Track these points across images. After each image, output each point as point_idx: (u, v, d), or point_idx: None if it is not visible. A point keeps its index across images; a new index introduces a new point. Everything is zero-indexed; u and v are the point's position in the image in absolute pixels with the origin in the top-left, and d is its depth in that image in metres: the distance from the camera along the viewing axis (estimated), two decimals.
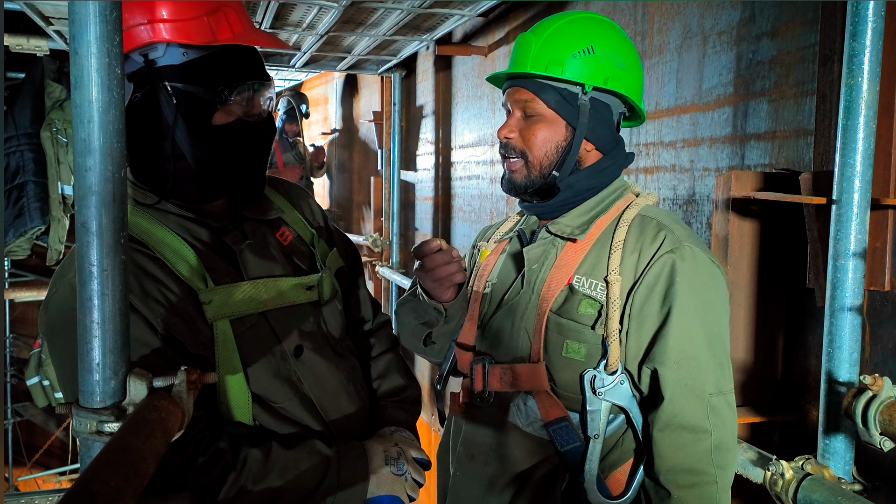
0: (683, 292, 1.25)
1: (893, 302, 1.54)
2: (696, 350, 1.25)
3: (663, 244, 1.28)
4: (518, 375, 1.34)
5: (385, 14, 3.26)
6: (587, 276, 1.31)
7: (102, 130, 0.83)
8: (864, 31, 1.32)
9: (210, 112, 1.20)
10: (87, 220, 0.85)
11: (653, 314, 1.27)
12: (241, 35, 1.23)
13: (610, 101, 1.36)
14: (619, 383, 1.28)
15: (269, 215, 1.34)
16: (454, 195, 4.15)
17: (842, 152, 1.36)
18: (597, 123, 1.34)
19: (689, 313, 1.25)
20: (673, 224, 1.32)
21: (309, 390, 1.28)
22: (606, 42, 1.34)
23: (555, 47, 1.33)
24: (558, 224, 1.36)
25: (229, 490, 1.14)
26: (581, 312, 1.29)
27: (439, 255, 1.36)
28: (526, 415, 1.35)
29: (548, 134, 1.34)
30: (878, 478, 1.46)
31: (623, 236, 1.31)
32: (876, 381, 1.21)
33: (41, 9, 3.18)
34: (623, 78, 1.34)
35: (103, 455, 0.74)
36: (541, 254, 1.37)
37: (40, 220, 4.50)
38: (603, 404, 1.29)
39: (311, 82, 6.58)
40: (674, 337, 1.24)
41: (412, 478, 1.29)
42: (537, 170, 1.35)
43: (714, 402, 1.25)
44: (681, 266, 1.26)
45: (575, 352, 1.30)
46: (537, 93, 1.33)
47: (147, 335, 1.14)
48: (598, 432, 1.29)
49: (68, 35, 0.84)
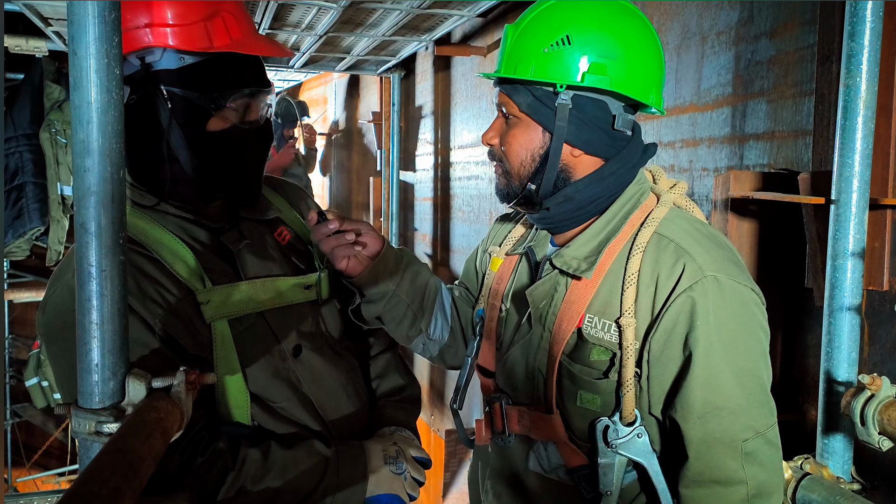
0: (705, 335, 1.10)
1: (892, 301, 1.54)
2: (725, 399, 1.11)
3: (682, 278, 1.12)
4: (535, 423, 1.24)
5: (384, 14, 3.26)
6: (599, 315, 1.16)
7: (101, 131, 0.83)
8: (863, 31, 1.32)
9: (205, 118, 1.20)
10: (85, 220, 0.85)
11: (673, 360, 1.13)
12: (239, 41, 1.21)
13: (601, 97, 1.17)
14: (637, 436, 1.15)
15: (266, 215, 1.34)
16: (453, 195, 4.15)
17: (840, 152, 1.36)
18: (581, 125, 1.17)
19: (714, 357, 1.11)
20: (694, 246, 1.14)
21: (308, 390, 1.27)
22: (588, 28, 1.14)
23: (527, 42, 1.16)
24: (563, 257, 1.21)
25: (228, 490, 1.14)
26: (593, 360, 1.17)
27: (316, 227, 1.27)
28: (548, 460, 1.25)
29: (523, 140, 1.19)
30: (877, 477, 1.46)
31: (637, 267, 1.14)
32: (874, 380, 1.21)
33: (40, 10, 3.17)
34: (610, 70, 1.13)
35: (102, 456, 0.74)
36: (548, 290, 1.23)
37: (39, 221, 4.50)
38: (617, 458, 1.16)
39: (310, 83, 6.57)
40: (696, 388, 1.11)
41: (412, 476, 1.29)
42: (516, 179, 1.21)
43: (750, 447, 1.11)
44: (702, 304, 1.10)
45: (590, 402, 1.18)
46: (510, 95, 1.19)
47: (145, 336, 1.14)
48: (611, 489, 1.16)
49: (67, 36, 0.84)
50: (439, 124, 4.31)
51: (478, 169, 3.81)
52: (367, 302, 1.32)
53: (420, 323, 1.37)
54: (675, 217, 1.20)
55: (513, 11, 3.36)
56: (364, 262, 1.29)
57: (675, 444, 1.16)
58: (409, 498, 1.27)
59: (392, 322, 1.36)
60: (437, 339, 1.41)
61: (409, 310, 1.34)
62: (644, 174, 1.27)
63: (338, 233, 1.27)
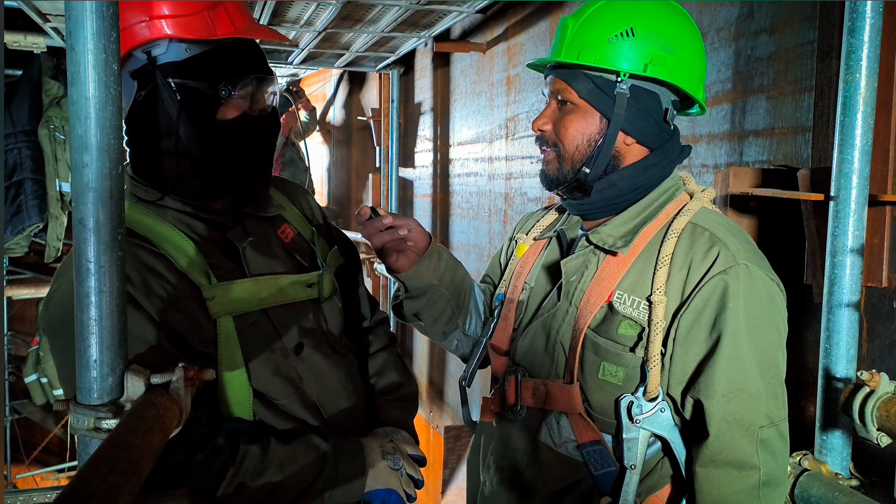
0: (735, 318, 1.14)
1: (891, 298, 1.54)
2: (747, 382, 1.15)
3: (716, 262, 1.16)
4: (551, 394, 1.26)
5: (383, 11, 3.25)
6: (629, 292, 1.20)
7: (99, 127, 0.83)
8: (863, 27, 1.32)
9: (214, 107, 1.21)
10: (84, 216, 0.84)
11: (700, 340, 1.16)
12: (242, 29, 1.23)
13: (656, 89, 1.23)
14: (660, 411, 1.19)
15: (270, 212, 1.34)
16: (452, 192, 4.15)
17: (840, 149, 1.36)
18: (637, 114, 1.22)
19: (741, 341, 1.14)
20: (728, 236, 1.20)
21: (309, 387, 1.28)
22: (651, 22, 1.20)
23: (590, 31, 1.22)
24: (599, 234, 1.25)
25: (228, 486, 1.14)
26: (620, 334, 1.20)
27: (369, 223, 1.29)
28: (559, 434, 1.27)
29: (580, 125, 1.23)
30: (876, 473, 1.46)
31: (671, 250, 1.19)
32: (873, 376, 1.21)
33: (38, 6, 3.17)
34: (669, 63, 1.20)
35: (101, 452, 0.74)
36: (580, 265, 1.27)
37: (38, 218, 4.49)
38: (641, 432, 1.19)
39: (308, 79, 6.56)
40: (722, 368, 1.14)
41: (407, 473, 1.29)
42: (569, 164, 1.25)
43: (765, 434, 1.15)
44: (734, 288, 1.14)
45: (612, 375, 1.20)
46: (570, 81, 1.23)
47: (149, 331, 1.14)
48: (635, 462, 1.19)
49: (65, 32, 0.83)
50: (438, 121, 4.31)
51: (477, 166, 3.80)
52: (410, 297, 1.36)
53: (458, 318, 1.41)
54: (708, 212, 1.26)
55: (511, 8, 3.36)
56: (411, 258, 1.32)
57: (691, 426, 1.20)
58: (405, 495, 1.28)
59: (431, 318, 1.39)
60: (471, 336, 1.45)
61: (448, 305, 1.38)
62: (677, 174, 1.32)
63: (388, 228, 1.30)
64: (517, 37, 3.33)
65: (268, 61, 1.30)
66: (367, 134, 5.39)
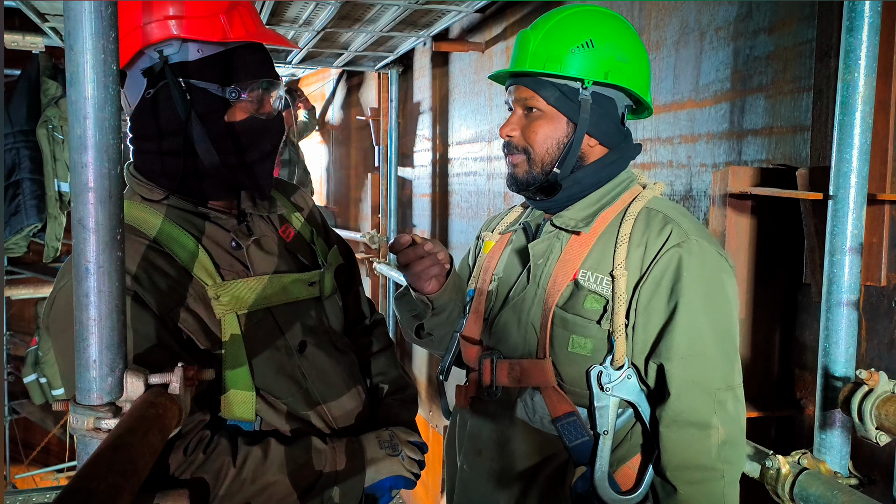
0: (690, 287, 1.24)
1: (889, 297, 1.54)
2: (704, 345, 1.24)
3: (670, 237, 1.27)
4: (525, 371, 1.33)
5: (382, 10, 3.25)
6: (593, 270, 1.30)
7: (98, 127, 0.83)
8: (861, 26, 1.32)
9: (223, 109, 1.22)
10: (83, 216, 0.84)
11: (659, 309, 1.26)
12: (254, 34, 1.24)
13: (613, 95, 1.34)
14: (627, 378, 1.28)
15: (272, 211, 1.35)
16: (451, 192, 4.15)
17: (838, 148, 1.36)
18: (599, 118, 1.33)
19: (696, 308, 1.24)
20: (680, 217, 1.31)
21: (312, 386, 1.29)
22: (607, 34, 1.32)
23: (554, 43, 1.32)
24: (562, 217, 1.36)
25: (229, 486, 1.14)
26: (587, 308, 1.29)
27: (411, 250, 1.34)
28: (533, 410, 1.34)
29: (548, 130, 1.33)
30: (875, 472, 1.46)
31: (629, 230, 1.30)
32: (872, 375, 1.21)
33: (37, 5, 3.17)
34: (625, 71, 1.32)
35: (100, 452, 0.74)
36: (546, 248, 1.36)
37: (37, 218, 4.49)
38: (611, 399, 1.28)
39: (307, 79, 6.56)
40: (680, 332, 1.24)
41: (408, 455, 1.30)
42: (539, 166, 1.34)
43: (722, 396, 1.24)
44: (688, 260, 1.25)
45: (581, 347, 1.29)
46: (537, 90, 1.32)
47: (155, 331, 1.14)
48: (608, 428, 1.28)
49: (64, 31, 0.83)
50: (437, 120, 4.31)
51: (475, 165, 3.80)
52: (436, 314, 1.41)
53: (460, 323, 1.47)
54: (659, 200, 1.38)
55: (510, 8, 3.36)
56: (441, 280, 1.38)
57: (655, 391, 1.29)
58: (412, 475, 1.30)
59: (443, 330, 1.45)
60: None
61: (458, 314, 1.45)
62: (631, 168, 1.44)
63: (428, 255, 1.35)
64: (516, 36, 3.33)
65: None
66: (366, 133, 5.39)
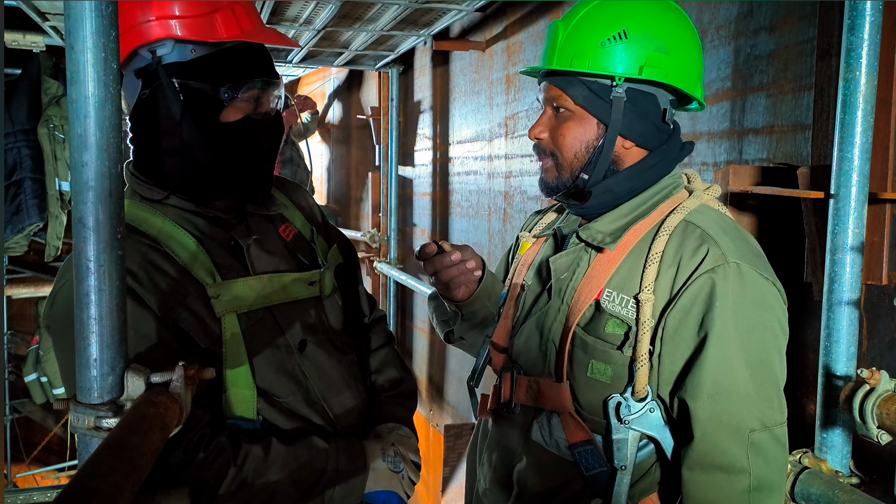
0: (722, 317, 1.12)
1: (891, 296, 1.54)
2: (734, 382, 1.12)
3: (704, 261, 1.14)
4: (542, 393, 1.25)
5: (382, 9, 3.25)
6: (618, 290, 1.19)
7: (99, 126, 0.83)
8: (862, 25, 1.32)
9: (218, 109, 1.21)
10: (83, 215, 0.84)
11: (687, 340, 1.14)
12: (250, 32, 1.23)
13: (653, 91, 1.21)
14: (649, 411, 1.17)
15: (272, 211, 1.35)
16: (452, 191, 4.15)
17: (839, 146, 1.36)
18: (634, 117, 1.21)
19: (728, 341, 1.12)
20: (720, 234, 1.17)
21: (313, 384, 1.29)
22: (643, 23, 1.18)
23: (582, 36, 1.20)
24: (589, 230, 1.24)
25: (230, 485, 1.14)
26: (607, 332, 1.19)
27: (438, 259, 1.30)
28: (550, 433, 1.26)
29: (577, 132, 1.22)
30: (876, 471, 1.46)
31: (661, 247, 1.17)
32: (873, 374, 1.21)
33: (37, 5, 3.16)
34: (665, 63, 1.18)
35: (101, 451, 0.74)
36: (571, 262, 1.26)
37: (38, 217, 4.49)
38: (630, 433, 1.17)
39: (308, 78, 6.56)
40: (708, 368, 1.12)
41: (409, 476, 1.30)
42: (567, 171, 1.24)
43: (756, 438, 1.11)
44: (722, 287, 1.12)
45: (600, 373, 1.19)
46: (565, 88, 1.21)
47: (155, 330, 1.14)
48: (626, 463, 1.18)
49: (64, 30, 0.83)
50: (438, 119, 4.31)
51: (476, 164, 3.80)
52: (465, 321, 1.37)
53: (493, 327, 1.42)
54: (704, 210, 1.23)
55: (511, 7, 3.36)
56: (472, 287, 1.34)
57: (681, 428, 1.17)
58: (405, 496, 1.28)
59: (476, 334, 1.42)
60: None
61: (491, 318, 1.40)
62: (679, 171, 1.30)
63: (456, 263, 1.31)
64: (516, 35, 3.32)
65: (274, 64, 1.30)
66: (366, 132, 5.39)
